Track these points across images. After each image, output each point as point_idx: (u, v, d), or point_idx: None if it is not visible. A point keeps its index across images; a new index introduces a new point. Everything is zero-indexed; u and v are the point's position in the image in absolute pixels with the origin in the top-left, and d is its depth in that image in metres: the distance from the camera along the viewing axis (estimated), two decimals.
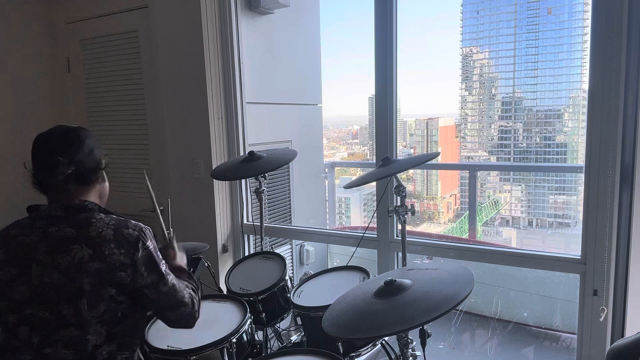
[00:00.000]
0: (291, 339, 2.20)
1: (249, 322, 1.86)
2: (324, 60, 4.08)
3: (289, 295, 2.15)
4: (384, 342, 1.88)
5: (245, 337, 1.83)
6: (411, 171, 5.38)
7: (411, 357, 1.55)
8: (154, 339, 1.77)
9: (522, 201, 5.12)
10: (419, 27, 6.18)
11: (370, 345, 1.86)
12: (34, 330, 1.35)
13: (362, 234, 2.55)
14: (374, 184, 2.52)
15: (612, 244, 1.99)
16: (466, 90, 5.39)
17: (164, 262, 1.46)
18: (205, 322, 1.78)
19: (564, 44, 4.84)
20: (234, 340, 1.76)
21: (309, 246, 3.76)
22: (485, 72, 5.33)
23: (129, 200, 3.19)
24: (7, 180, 3.07)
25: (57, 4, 3.41)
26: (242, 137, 2.97)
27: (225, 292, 2.22)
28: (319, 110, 4.10)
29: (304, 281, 2.20)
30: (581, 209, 2.06)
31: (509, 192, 5.22)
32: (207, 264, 2.33)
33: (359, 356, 1.86)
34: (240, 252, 3.05)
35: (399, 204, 2.04)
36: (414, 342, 1.54)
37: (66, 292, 1.33)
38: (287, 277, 2.23)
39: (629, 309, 2.01)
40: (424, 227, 5.58)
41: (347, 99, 8.12)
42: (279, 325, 2.25)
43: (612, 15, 1.88)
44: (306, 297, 2.07)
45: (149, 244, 1.42)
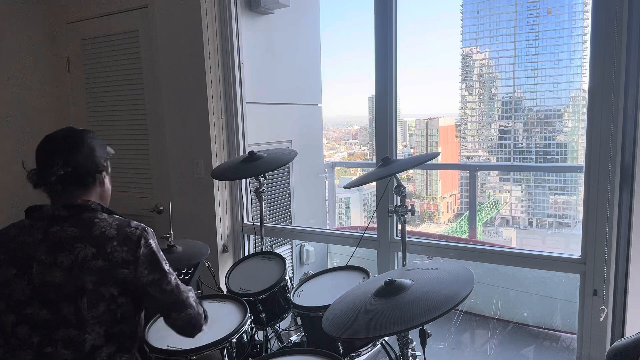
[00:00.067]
0: (291, 339, 2.20)
1: (249, 322, 1.86)
2: (324, 60, 4.09)
3: (289, 295, 2.15)
4: (384, 342, 1.88)
5: (245, 337, 1.83)
6: (411, 171, 5.38)
7: (411, 357, 1.55)
8: (154, 339, 1.77)
9: (522, 201, 5.12)
10: (419, 27, 6.19)
11: (370, 345, 1.86)
12: (34, 329, 1.35)
13: (362, 234, 2.55)
14: (374, 184, 2.52)
15: (612, 244, 1.99)
16: (466, 90, 5.39)
17: (166, 261, 1.47)
18: None
19: (564, 44, 4.84)
20: (234, 340, 1.75)
21: (309, 246, 3.76)
22: (485, 72, 5.33)
23: (129, 200, 3.20)
24: (7, 180, 3.07)
25: (57, 4, 3.40)
26: (242, 137, 2.97)
27: (225, 292, 2.22)
28: (319, 110, 4.10)
29: (304, 281, 2.20)
30: (581, 209, 2.06)
31: (509, 192, 5.22)
32: (207, 264, 2.33)
33: (359, 356, 1.86)
34: (240, 252, 3.05)
35: (399, 204, 2.04)
36: (414, 342, 1.54)
37: (67, 290, 1.33)
38: (287, 277, 2.23)
39: (629, 309, 2.01)
40: (424, 227, 5.58)
41: (347, 99, 8.13)
42: (279, 325, 2.25)
43: (612, 15, 1.88)
44: (306, 297, 2.07)
45: (151, 242, 1.43)
